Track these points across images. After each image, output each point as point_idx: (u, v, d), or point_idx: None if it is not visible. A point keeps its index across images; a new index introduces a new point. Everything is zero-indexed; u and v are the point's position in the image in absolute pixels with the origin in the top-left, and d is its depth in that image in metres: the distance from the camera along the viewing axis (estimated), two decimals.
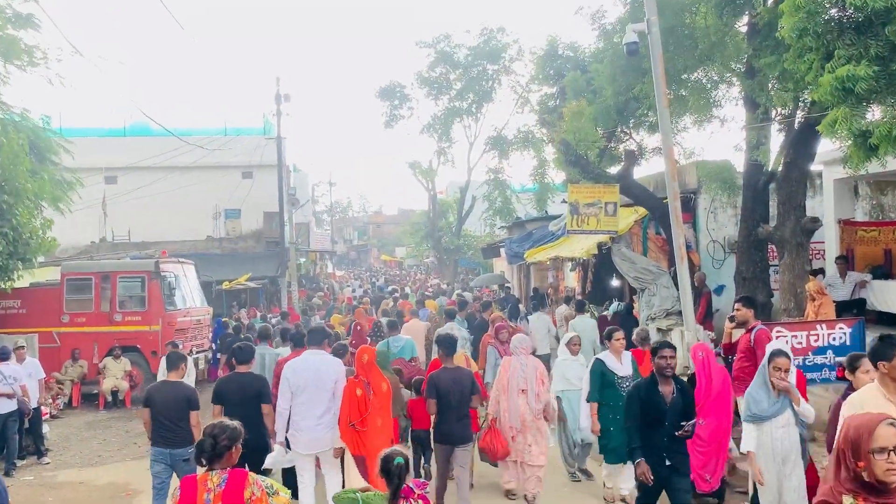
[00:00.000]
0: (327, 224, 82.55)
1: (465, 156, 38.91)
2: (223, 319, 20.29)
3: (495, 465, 8.64)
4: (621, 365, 8.07)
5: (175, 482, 6.78)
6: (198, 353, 17.03)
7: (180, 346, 11.49)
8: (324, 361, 7.51)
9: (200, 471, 4.40)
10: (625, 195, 14.94)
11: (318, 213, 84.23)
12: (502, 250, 28.21)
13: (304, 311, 21.95)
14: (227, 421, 4.55)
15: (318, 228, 63.59)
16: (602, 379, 8.03)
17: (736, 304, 8.32)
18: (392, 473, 4.40)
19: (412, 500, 4.42)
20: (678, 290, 11.06)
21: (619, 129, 15.37)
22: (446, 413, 7.48)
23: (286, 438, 7.42)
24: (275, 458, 7.44)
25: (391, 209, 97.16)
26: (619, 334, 8.20)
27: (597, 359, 8.24)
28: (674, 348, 6.47)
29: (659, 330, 13.95)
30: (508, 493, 8.49)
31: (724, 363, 10.17)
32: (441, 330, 10.50)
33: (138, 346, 16.22)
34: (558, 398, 8.90)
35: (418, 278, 45.52)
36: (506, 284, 27.65)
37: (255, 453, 7.14)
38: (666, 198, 11.18)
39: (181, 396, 7.45)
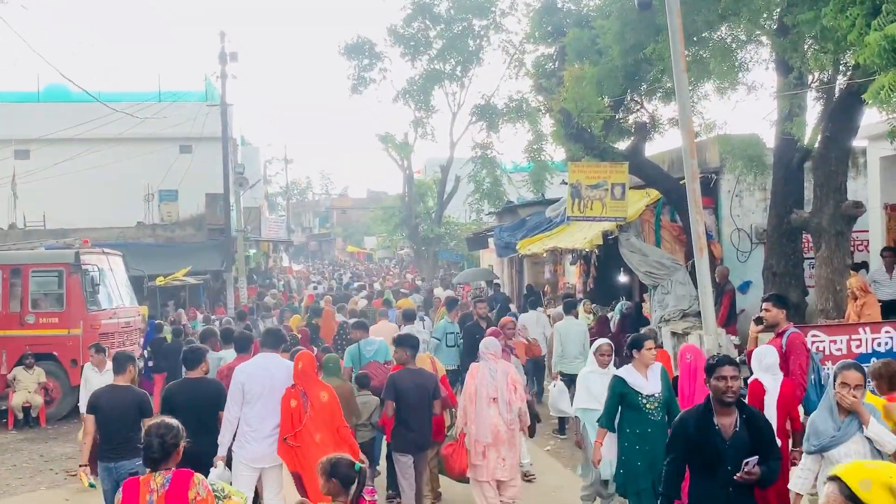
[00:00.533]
0: (282, 209, 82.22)
1: (448, 128, 39.03)
2: (157, 322, 20.19)
3: (466, 482, 8.85)
4: (647, 381, 7.54)
5: None
6: None
7: (106, 353, 11.43)
8: (279, 367, 7.91)
9: None
10: (635, 175, 14.97)
11: (271, 196, 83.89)
12: (491, 240, 28.27)
13: (251, 310, 21.99)
14: (167, 419, 5.09)
15: (270, 214, 63.32)
16: (622, 401, 7.54)
17: (764, 304, 8.36)
18: (342, 477, 4.77)
19: None
20: (696, 287, 11.12)
21: (629, 97, 15.40)
22: (406, 417, 8.35)
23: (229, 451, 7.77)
24: (219, 476, 7.53)
25: (359, 191, 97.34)
26: (651, 343, 7.79)
27: (615, 376, 7.71)
28: (736, 365, 5.70)
29: (674, 334, 14.06)
30: None
31: (750, 373, 10.29)
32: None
33: (55, 353, 16.07)
34: (576, 418, 8.66)
35: (392, 273, 45.45)
36: (494, 280, 27.72)
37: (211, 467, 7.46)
38: (683, 178, 11.23)
39: (132, 402, 7.77)
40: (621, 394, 7.50)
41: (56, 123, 29.75)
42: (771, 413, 6.98)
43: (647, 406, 7.44)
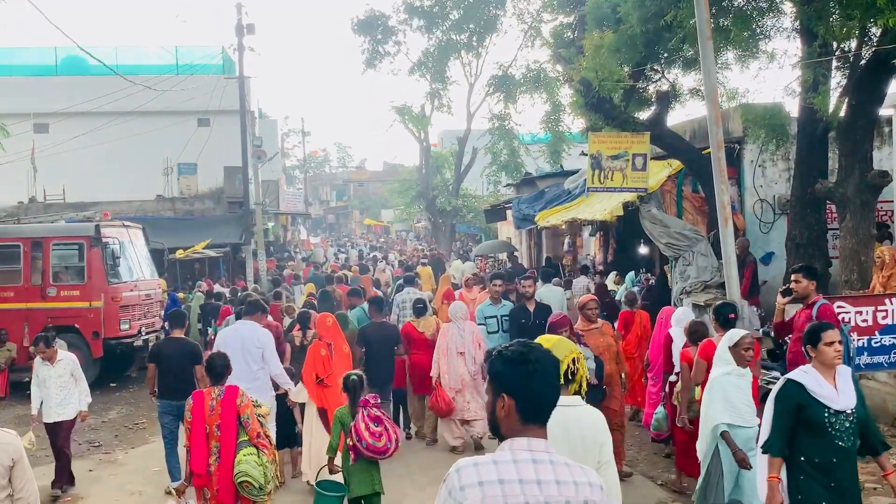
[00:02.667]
0: (300, 182, 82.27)
1: (465, 100, 38.76)
2: (177, 294, 20.25)
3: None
4: (836, 392, 5.37)
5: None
6: (147, 333, 16.97)
7: (56, 343, 10.58)
8: (251, 330, 9.39)
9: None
10: (656, 145, 14.81)
11: (288, 169, 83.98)
12: (509, 213, 28.13)
13: (274, 281, 22.25)
14: (222, 351, 7.56)
15: (288, 187, 63.47)
16: (798, 415, 5.37)
17: (795, 276, 8.22)
18: (349, 387, 7.42)
19: (369, 409, 7.12)
20: (719, 258, 11.00)
21: (649, 66, 15.20)
22: (372, 360, 10.58)
23: None
24: None
25: (376, 164, 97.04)
26: (832, 334, 5.47)
27: (788, 380, 5.50)
28: None
29: (696, 306, 13.94)
30: (454, 449, 10.73)
31: (773, 345, 10.22)
32: (399, 295, 13.87)
33: (76, 325, 16.14)
34: (724, 434, 6.80)
35: (415, 249, 44.87)
36: (514, 253, 27.61)
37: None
38: (706, 148, 11.09)
39: (187, 352, 9.42)
40: (798, 404, 5.36)
41: (74, 97, 29.77)
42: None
43: (836, 426, 5.28)
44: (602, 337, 9.08)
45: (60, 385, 9.79)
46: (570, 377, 4.34)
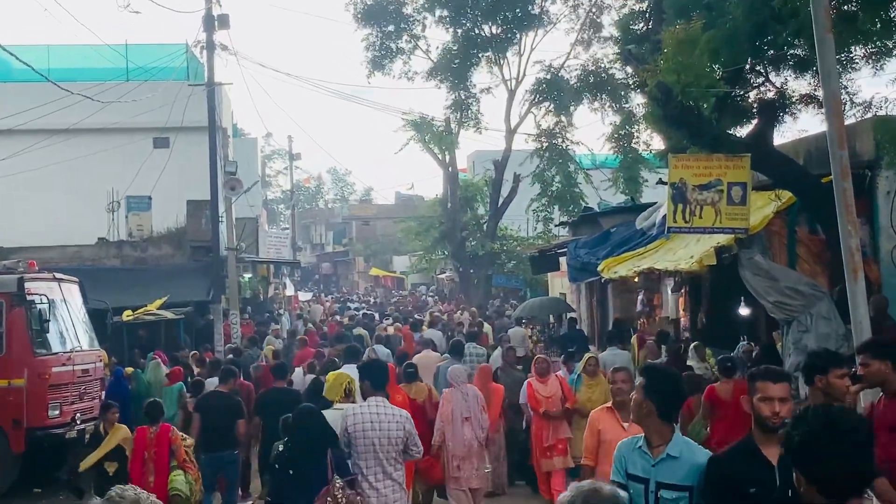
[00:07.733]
0: (285, 220, 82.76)
1: (503, 111, 38.85)
2: (125, 370, 20.19)
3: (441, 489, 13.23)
4: None
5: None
6: (83, 421, 16.87)
7: None
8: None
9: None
10: (760, 171, 14.76)
11: (271, 203, 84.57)
12: (562, 260, 28.05)
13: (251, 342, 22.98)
14: (157, 400, 12.97)
15: (271, 226, 63.77)
16: None
17: (860, 357, 7.96)
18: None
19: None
20: (846, 323, 10.86)
21: (750, 67, 15.22)
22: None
23: None
24: None
25: (385, 196, 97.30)
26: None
27: None
28: None
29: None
30: None
31: None
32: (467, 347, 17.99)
33: None
34: None
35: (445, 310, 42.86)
36: (569, 314, 27.45)
37: None
38: (826, 175, 11.02)
39: (231, 406, 13.06)
40: None
41: None
42: None
43: None
44: None
45: None
46: (347, 393, 10.28)
